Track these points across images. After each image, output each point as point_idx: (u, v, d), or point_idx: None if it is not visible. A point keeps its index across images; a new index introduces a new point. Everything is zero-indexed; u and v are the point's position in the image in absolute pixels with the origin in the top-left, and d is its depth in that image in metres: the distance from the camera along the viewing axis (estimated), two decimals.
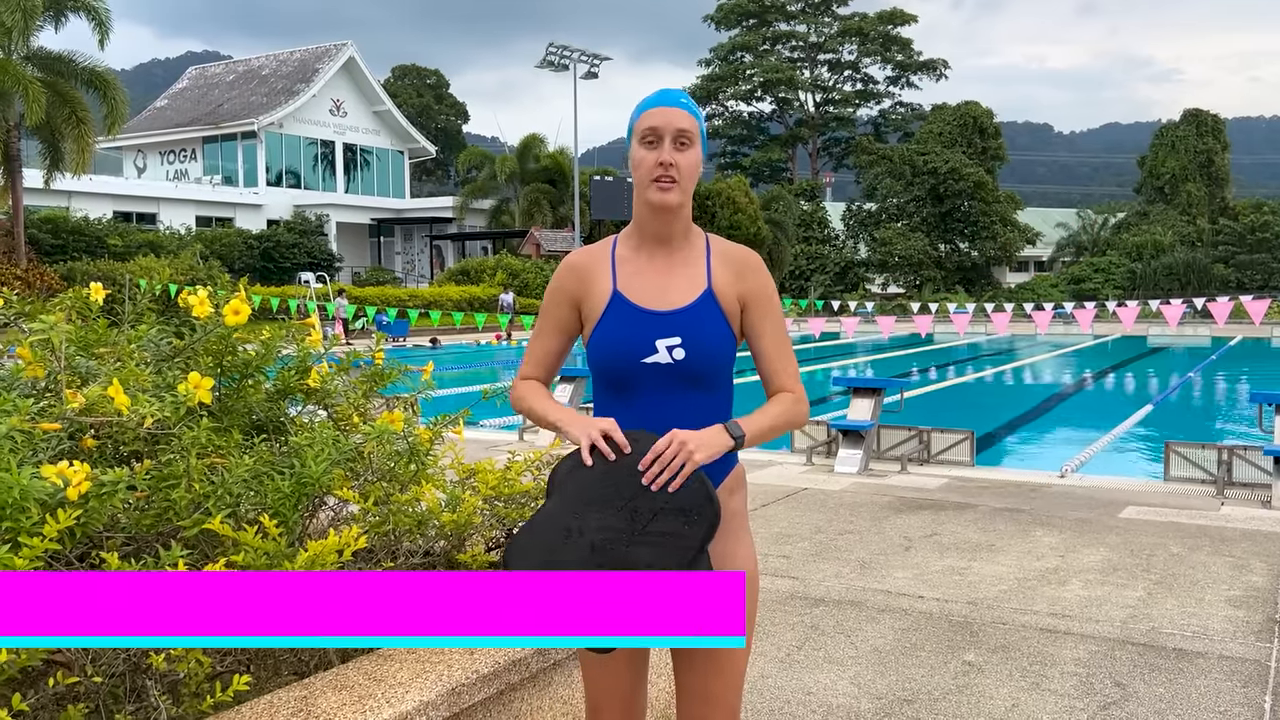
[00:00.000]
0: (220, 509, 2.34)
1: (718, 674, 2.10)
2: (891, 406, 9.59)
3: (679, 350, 2.05)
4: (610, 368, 2.10)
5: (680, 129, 2.04)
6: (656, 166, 2.03)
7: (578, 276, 2.19)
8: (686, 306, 2.08)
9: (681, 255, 2.14)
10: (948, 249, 55.87)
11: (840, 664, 4.35)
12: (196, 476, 2.34)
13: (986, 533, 6.57)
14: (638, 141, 2.07)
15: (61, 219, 32.54)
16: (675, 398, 2.07)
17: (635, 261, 2.15)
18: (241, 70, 50.91)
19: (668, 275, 2.12)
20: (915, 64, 71.39)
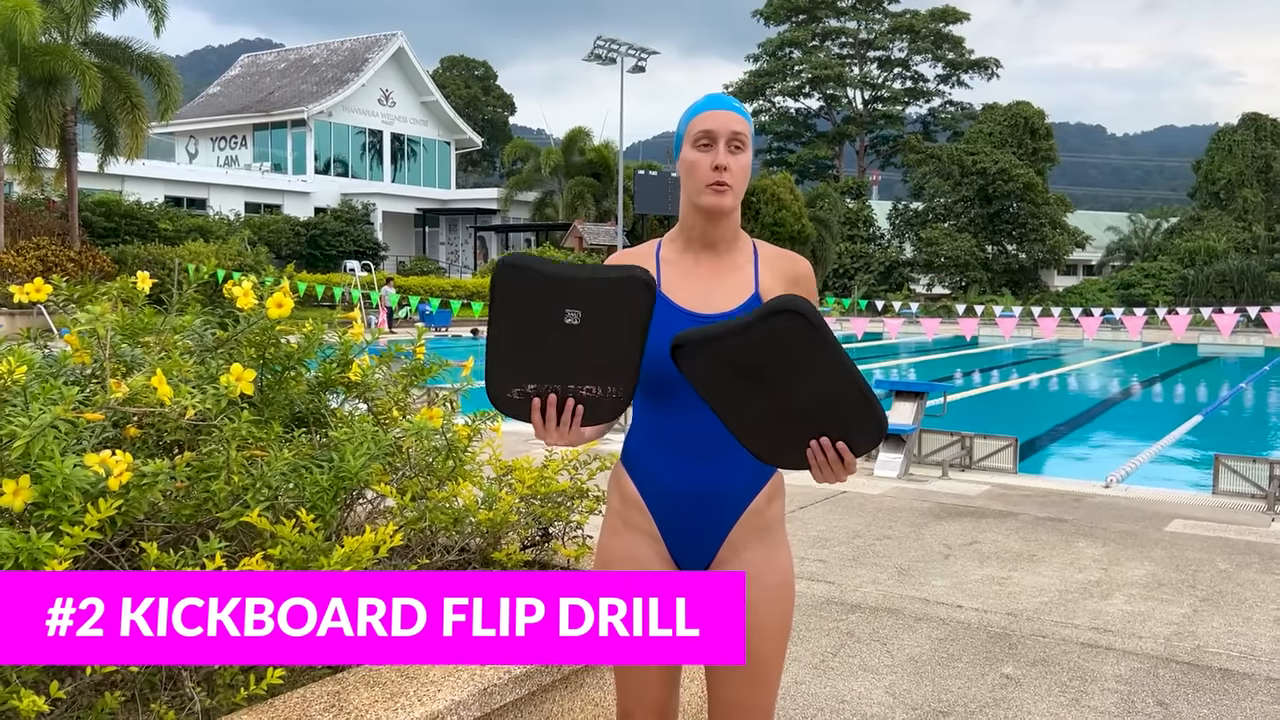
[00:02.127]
0: (258, 502, 2.34)
1: (752, 683, 2.07)
2: (934, 410, 9.48)
3: None
4: (653, 372, 2.05)
5: (735, 132, 2.03)
6: (711, 170, 2.01)
7: None
8: (731, 310, 2.05)
9: (729, 259, 2.11)
10: (995, 250, 55.17)
11: (876, 672, 4.30)
12: (235, 469, 2.35)
13: (1028, 542, 6.47)
14: (690, 144, 2.05)
15: (115, 202, 33.09)
16: None
17: (680, 264, 2.12)
18: (293, 59, 51.45)
19: (714, 278, 2.09)
20: (966, 62, 70.49)
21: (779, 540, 2.12)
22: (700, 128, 2.03)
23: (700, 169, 2.02)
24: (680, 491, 2.07)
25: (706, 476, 2.05)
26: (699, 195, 2.03)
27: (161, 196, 37.78)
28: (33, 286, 3.02)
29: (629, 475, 2.14)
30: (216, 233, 33.77)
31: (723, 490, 2.05)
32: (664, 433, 2.08)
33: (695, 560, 2.12)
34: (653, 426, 2.11)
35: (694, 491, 2.06)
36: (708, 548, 2.10)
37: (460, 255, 48.24)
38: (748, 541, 2.07)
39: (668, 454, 2.08)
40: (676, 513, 2.08)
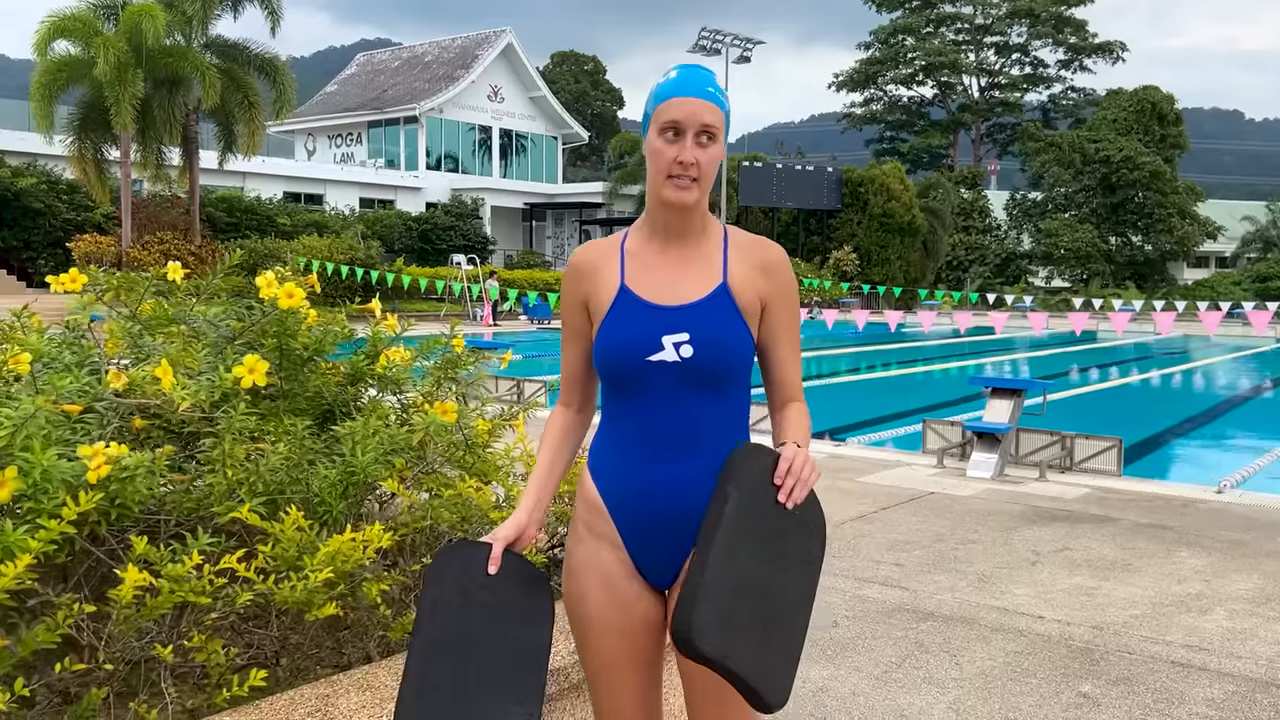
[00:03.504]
0: (252, 496, 2.29)
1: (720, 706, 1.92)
2: (1033, 409, 9.04)
3: (687, 348, 1.87)
4: (615, 368, 1.93)
5: (705, 124, 1.86)
6: (675, 164, 1.85)
7: (582, 274, 2.03)
8: (698, 301, 1.91)
9: (696, 249, 1.96)
10: (1119, 242, 52.95)
11: (940, 686, 4.06)
12: (230, 462, 2.30)
13: (1124, 550, 6.08)
14: (656, 132, 1.88)
15: (236, 198, 34.35)
16: (684, 401, 1.89)
17: (645, 255, 1.98)
18: (406, 56, 52.61)
19: (680, 269, 1.95)
20: (1090, 46, 67.76)
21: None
22: (667, 117, 1.86)
23: (664, 160, 1.86)
24: (640, 496, 1.93)
25: (670, 476, 1.91)
26: (661, 188, 1.89)
27: (280, 192, 39.07)
28: (68, 277, 3.04)
29: (592, 478, 2.01)
30: (331, 227, 34.76)
31: (686, 492, 1.89)
32: (626, 432, 1.95)
33: (660, 571, 1.97)
34: (612, 425, 1.98)
35: (655, 494, 1.91)
36: (673, 559, 1.95)
37: (566, 249, 48.64)
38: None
39: (630, 455, 1.94)
40: (639, 520, 1.94)
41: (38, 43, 24.07)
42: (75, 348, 2.94)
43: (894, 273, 42.86)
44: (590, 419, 2.16)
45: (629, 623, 1.97)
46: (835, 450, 9.64)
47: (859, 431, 11.51)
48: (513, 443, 3.22)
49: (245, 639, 2.32)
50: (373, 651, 2.53)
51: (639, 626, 1.99)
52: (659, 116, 1.87)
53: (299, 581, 2.14)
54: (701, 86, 1.88)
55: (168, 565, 2.05)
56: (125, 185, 26.02)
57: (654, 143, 1.88)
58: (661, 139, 1.87)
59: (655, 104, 1.89)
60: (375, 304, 3.10)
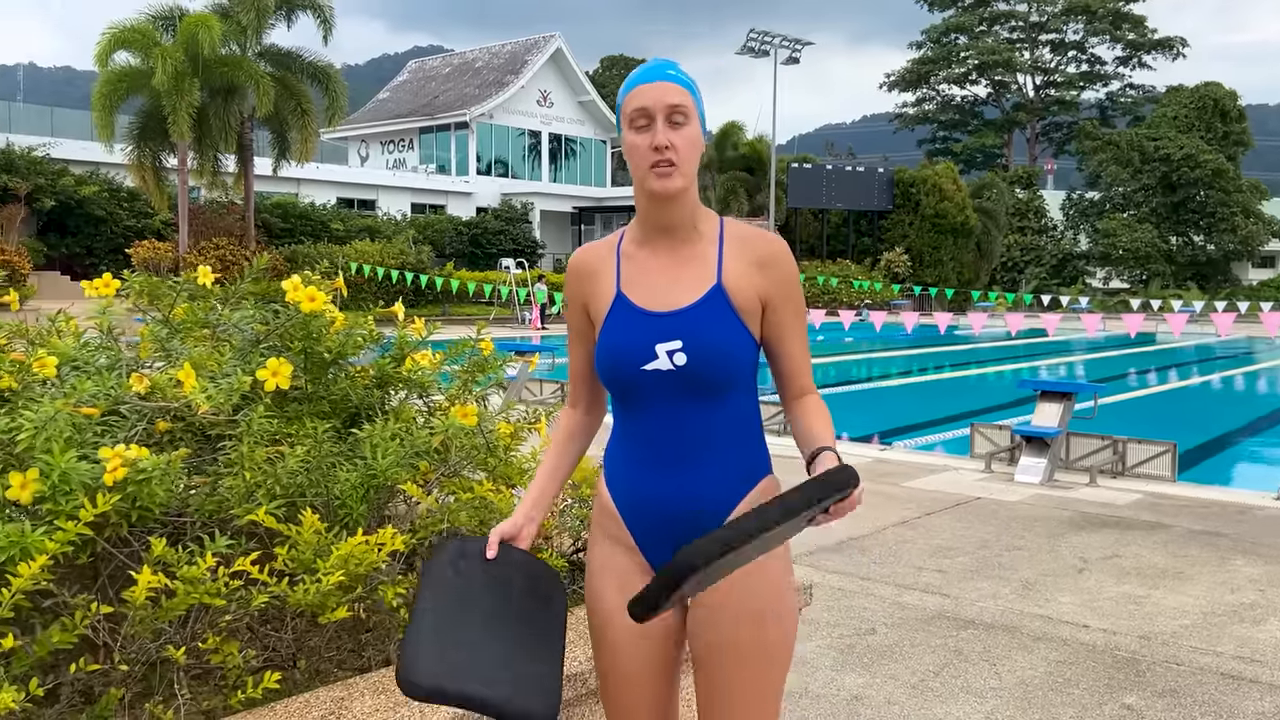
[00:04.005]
0: (269, 499, 2.29)
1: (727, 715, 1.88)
2: (1084, 412, 8.85)
3: (680, 355, 1.83)
4: (612, 377, 1.90)
5: (672, 105, 1.81)
6: (651, 151, 1.80)
7: (581, 277, 2.01)
8: (690, 306, 1.85)
9: (689, 247, 1.90)
10: (1179, 242, 51.83)
11: (979, 695, 3.97)
12: (247, 465, 2.31)
13: (1176, 558, 5.92)
14: (628, 127, 1.84)
15: (291, 204, 34.90)
16: (683, 409, 1.85)
17: (640, 258, 1.93)
18: (457, 63, 53.09)
19: (674, 271, 1.89)
20: (1149, 43, 66.41)
21: (769, 555, 1.86)
22: (634, 106, 1.82)
23: (639, 152, 1.82)
24: (651, 502, 1.90)
25: (677, 486, 1.88)
26: (644, 180, 1.84)
27: (334, 198, 39.63)
28: (100, 282, 3.08)
29: (605, 483, 2.00)
30: (384, 232, 35.17)
31: (691, 500, 1.87)
32: (633, 438, 1.92)
33: None
34: (623, 432, 1.96)
35: (664, 502, 1.89)
36: None
37: None
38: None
39: (638, 462, 1.92)
40: (649, 525, 1.91)
41: (99, 54, 24.66)
42: (109, 351, 2.98)
43: (947, 274, 42.34)
44: (600, 419, 2.13)
45: (645, 627, 1.93)
46: (880, 455, 9.52)
47: (906, 435, 11.37)
48: (538, 446, 3.21)
49: (262, 641, 2.33)
50: (392, 654, 2.53)
51: (655, 632, 1.95)
52: (626, 110, 1.84)
53: (312, 584, 2.14)
54: (662, 71, 1.84)
55: (183, 567, 2.07)
56: (182, 192, 26.55)
57: (628, 139, 1.84)
58: (634, 131, 1.83)
59: (621, 100, 1.86)
60: (399, 308, 3.10)
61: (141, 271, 3.11)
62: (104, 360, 2.87)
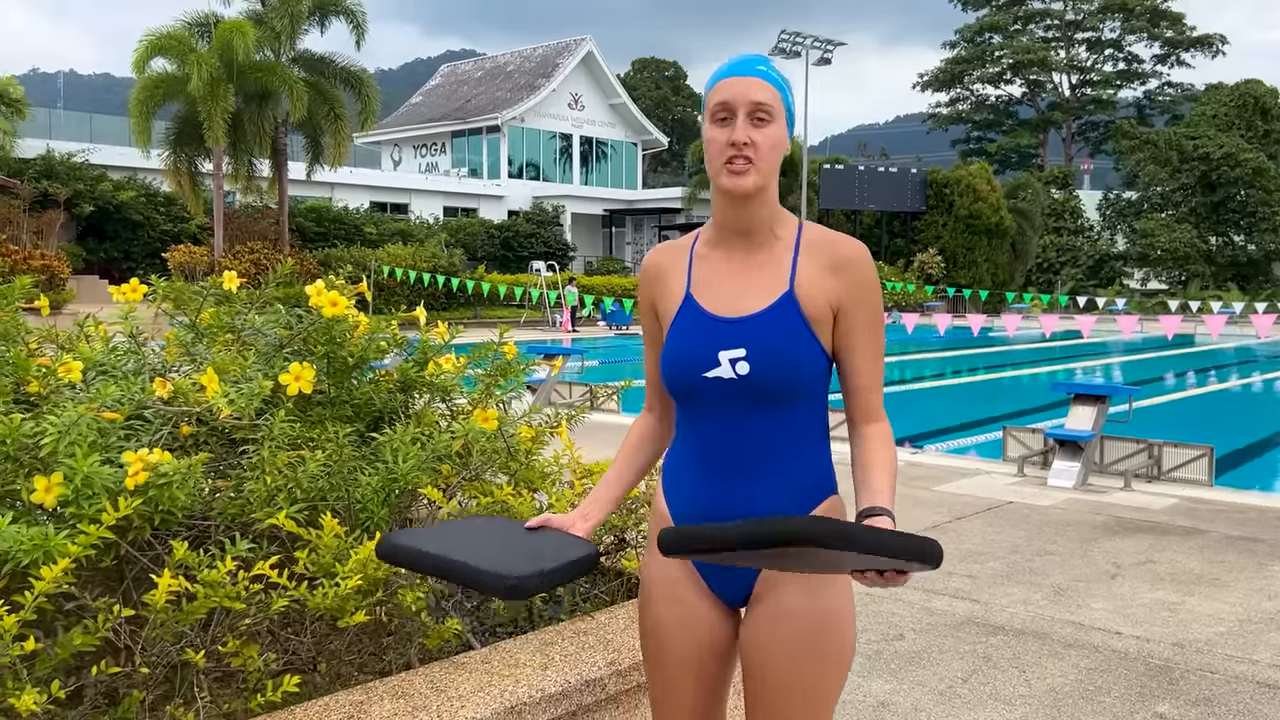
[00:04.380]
0: (290, 502, 2.31)
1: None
2: (1119, 416, 8.73)
3: (743, 364, 1.77)
4: (674, 383, 1.86)
5: (756, 102, 1.75)
6: (728, 146, 1.75)
7: (650, 279, 1.99)
8: (758, 313, 1.80)
9: (764, 252, 1.84)
10: (1219, 242, 51.05)
11: (1008, 703, 3.93)
12: (269, 469, 2.32)
13: (1212, 564, 5.82)
14: (709, 119, 1.78)
15: (324, 208, 35.20)
16: (746, 419, 1.80)
17: (712, 259, 1.89)
18: (488, 67, 53.36)
19: (745, 275, 1.84)
20: (1187, 40, 65.46)
21: (826, 581, 1.83)
22: (716, 100, 1.77)
23: (716, 146, 1.77)
24: (707, 512, 1.86)
25: (733, 497, 1.83)
26: (717, 176, 1.79)
27: (367, 202, 39.95)
28: (128, 287, 3.12)
29: (663, 491, 1.97)
30: (416, 236, 35.40)
31: (751, 513, 1.81)
32: (690, 446, 1.89)
33: (732, 590, 1.90)
34: (682, 439, 1.92)
35: (720, 513, 1.84)
36: (740, 579, 1.88)
37: (645, 254, 48.72)
38: (784, 577, 1.83)
39: (696, 470, 1.88)
40: None
41: (136, 61, 25.02)
42: (136, 355, 3.02)
43: (981, 275, 41.97)
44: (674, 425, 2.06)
45: (694, 639, 1.91)
46: (912, 458, 9.44)
47: (938, 439, 11.27)
48: (561, 450, 3.21)
49: (283, 644, 2.35)
50: (413, 658, 2.54)
51: (705, 643, 1.92)
52: (709, 103, 1.80)
53: (331, 588, 2.15)
54: (751, 66, 1.79)
55: (204, 571, 2.08)
56: (218, 197, 26.87)
57: (707, 132, 1.80)
58: (714, 125, 1.78)
59: (706, 93, 1.82)
60: (420, 312, 3.11)
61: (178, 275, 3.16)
62: (131, 365, 2.90)
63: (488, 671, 2.40)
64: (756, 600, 1.87)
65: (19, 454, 2.13)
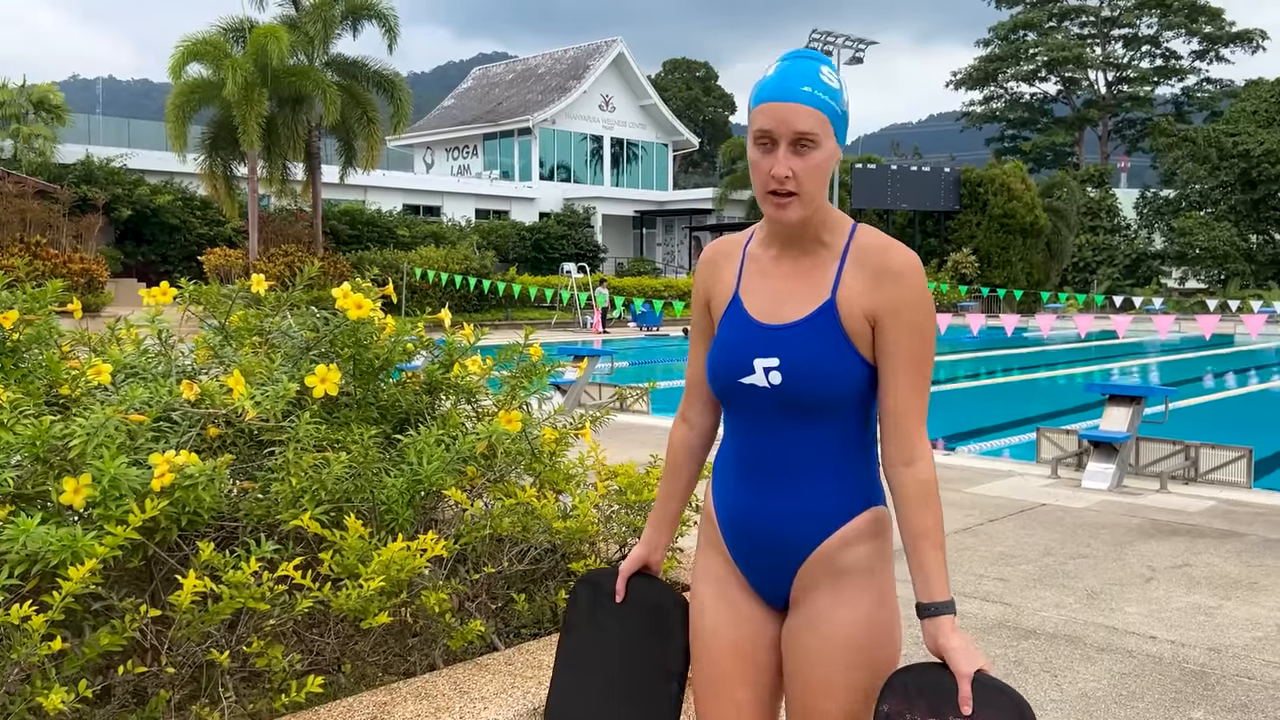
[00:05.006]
0: (313, 504, 2.32)
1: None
2: (1154, 417, 8.62)
3: (776, 374, 1.74)
4: (715, 385, 1.85)
5: (799, 133, 1.67)
6: (770, 178, 1.69)
7: (708, 271, 1.94)
8: (795, 322, 1.76)
9: (811, 258, 1.79)
10: (1260, 240, 50.23)
11: (1039, 707, 3.87)
12: (294, 471, 2.34)
13: (1250, 567, 5.72)
14: (751, 140, 1.72)
15: (358, 211, 35.49)
16: (781, 428, 1.78)
17: (763, 260, 1.85)
18: (520, 69, 53.57)
19: (790, 281, 1.80)
20: (1226, 35, 64.49)
21: (861, 592, 1.80)
22: (757, 126, 1.70)
23: (759, 173, 1.71)
24: (743, 517, 1.86)
25: (767, 505, 1.82)
26: (763, 201, 1.76)
27: (400, 205, 40.23)
28: (159, 290, 3.16)
29: (711, 491, 1.96)
30: (448, 238, 35.59)
31: (783, 523, 1.81)
32: (734, 449, 1.88)
33: (771, 590, 1.89)
34: (728, 438, 1.92)
35: (754, 519, 1.84)
36: (779, 582, 1.87)
37: (676, 255, 48.73)
38: (818, 584, 1.82)
39: (735, 477, 1.87)
40: (741, 539, 1.88)
41: (173, 66, 25.34)
42: (165, 358, 3.05)
43: (1016, 275, 41.57)
44: (715, 427, 2.04)
45: (740, 635, 1.89)
46: (944, 460, 9.36)
47: (972, 440, 11.17)
48: (586, 451, 3.21)
49: (307, 645, 2.36)
50: (437, 660, 2.55)
51: (750, 643, 1.90)
52: (752, 124, 1.74)
53: (354, 589, 2.16)
54: (796, 88, 1.68)
55: (229, 572, 2.10)
56: (252, 200, 27.15)
57: (750, 153, 1.74)
58: (757, 149, 1.72)
59: (751, 108, 1.75)
60: (445, 314, 3.12)
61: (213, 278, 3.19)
62: (160, 367, 2.94)
63: (510, 673, 2.41)
64: (794, 605, 1.86)
65: (49, 455, 2.16)
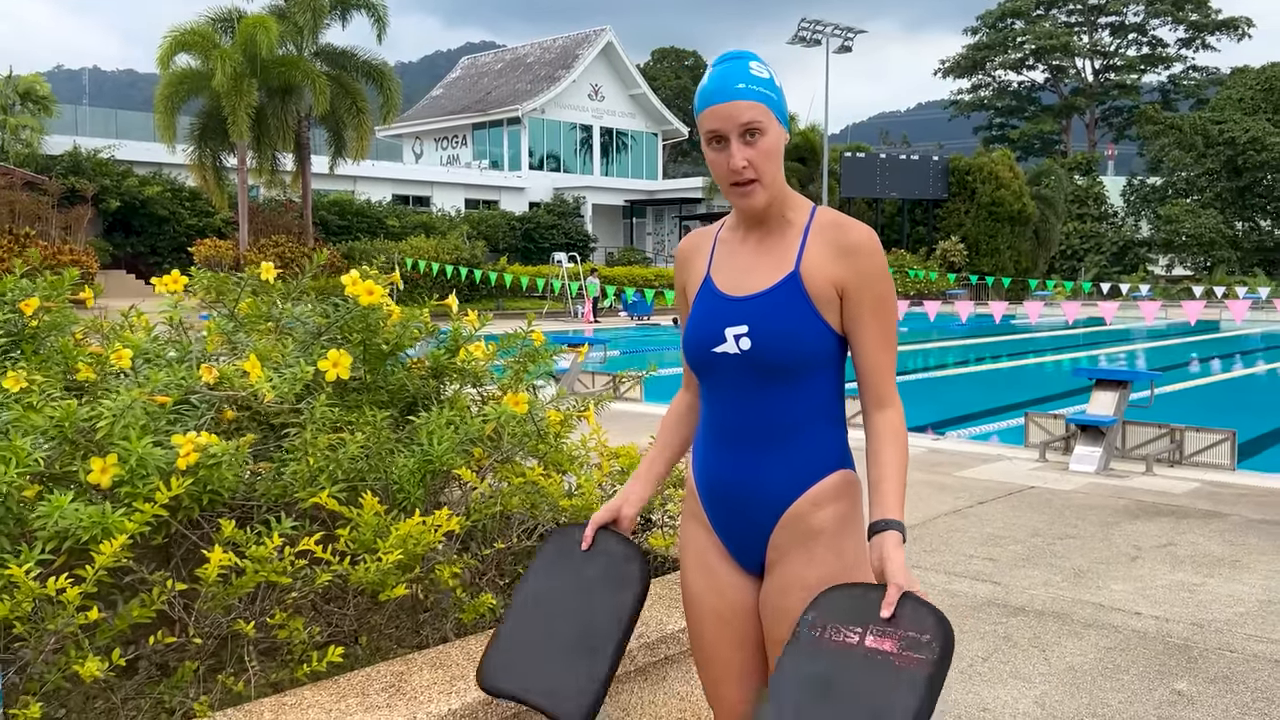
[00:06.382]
0: (331, 483, 2.41)
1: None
2: (1141, 401, 8.75)
3: (745, 340, 1.89)
4: (690, 358, 2.01)
5: (744, 124, 1.84)
6: (730, 173, 1.87)
7: (682, 263, 2.13)
8: (762, 292, 1.91)
9: (776, 235, 1.96)
10: (1245, 227, 50.52)
11: (1027, 680, 4.00)
12: (311, 452, 2.42)
13: (1232, 546, 5.85)
14: (705, 142, 1.90)
15: (347, 202, 35.44)
16: (751, 393, 1.92)
17: (732, 243, 2.03)
18: (509, 59, 53.44)
19: (756, 257, 1.96)
20: (1213, 23, 64.71)
21: (832, 552, 1.93)
22: (707, 128, 1.87)
23: (718, 169, 1.89)
24: (720, 484, 1.99)
25: (740, 470, 1.95)
26: (728, 194, 1.93)
27: (389, 195, 40.16)
28: (170, 279, 3.23)
29: (691, 463, 2.10)
30: (438, 228, 35.56)
31: (755, 488, 1.94)
32: (709, 420, 2.02)
33: (748, 557, 2.02)
34: (704, 413, 2.05)
35: (728, 485, 1.97)
36: (753, 547, 1.99)
37: (666, 245, 48.77)
38: (790, 547, 1.94)
39: (712, 442, 2.01)
40: (718, 506, 2.01)
41: (161, 57, 25.25)
42: (178, 344, 3.13)
43: (1004, 263, 41.75)
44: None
45: (723, 604, 2.02)
46: (934, 444, 9.49)
47: (961, 425, 11.30)
48: (588, 434, 3.31)
49: (326, 618, 2.45)
50: (449, 632, 2.64)
51: (732, 609, 2.03)
52: (702, 129, 1.89)
53: (373, 563, 2.25)
54: (731, 87, 1.84)
55: (252, 547, 2.19)
56: (242, 191, 27.11)
57: (707, 154, 1.90)
58: (711, 150, 1.88)
59: (697, 116, 1.90)
60: (452, 300, 3.20)
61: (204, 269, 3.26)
62: (173, 353, 3.02)
63: None
64: (769, 569, 1.99)
65: (75, 437, 2.24)
